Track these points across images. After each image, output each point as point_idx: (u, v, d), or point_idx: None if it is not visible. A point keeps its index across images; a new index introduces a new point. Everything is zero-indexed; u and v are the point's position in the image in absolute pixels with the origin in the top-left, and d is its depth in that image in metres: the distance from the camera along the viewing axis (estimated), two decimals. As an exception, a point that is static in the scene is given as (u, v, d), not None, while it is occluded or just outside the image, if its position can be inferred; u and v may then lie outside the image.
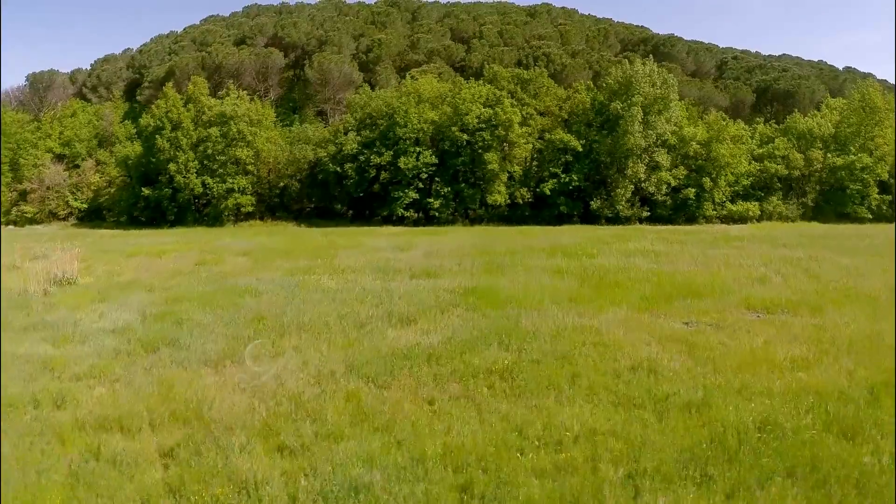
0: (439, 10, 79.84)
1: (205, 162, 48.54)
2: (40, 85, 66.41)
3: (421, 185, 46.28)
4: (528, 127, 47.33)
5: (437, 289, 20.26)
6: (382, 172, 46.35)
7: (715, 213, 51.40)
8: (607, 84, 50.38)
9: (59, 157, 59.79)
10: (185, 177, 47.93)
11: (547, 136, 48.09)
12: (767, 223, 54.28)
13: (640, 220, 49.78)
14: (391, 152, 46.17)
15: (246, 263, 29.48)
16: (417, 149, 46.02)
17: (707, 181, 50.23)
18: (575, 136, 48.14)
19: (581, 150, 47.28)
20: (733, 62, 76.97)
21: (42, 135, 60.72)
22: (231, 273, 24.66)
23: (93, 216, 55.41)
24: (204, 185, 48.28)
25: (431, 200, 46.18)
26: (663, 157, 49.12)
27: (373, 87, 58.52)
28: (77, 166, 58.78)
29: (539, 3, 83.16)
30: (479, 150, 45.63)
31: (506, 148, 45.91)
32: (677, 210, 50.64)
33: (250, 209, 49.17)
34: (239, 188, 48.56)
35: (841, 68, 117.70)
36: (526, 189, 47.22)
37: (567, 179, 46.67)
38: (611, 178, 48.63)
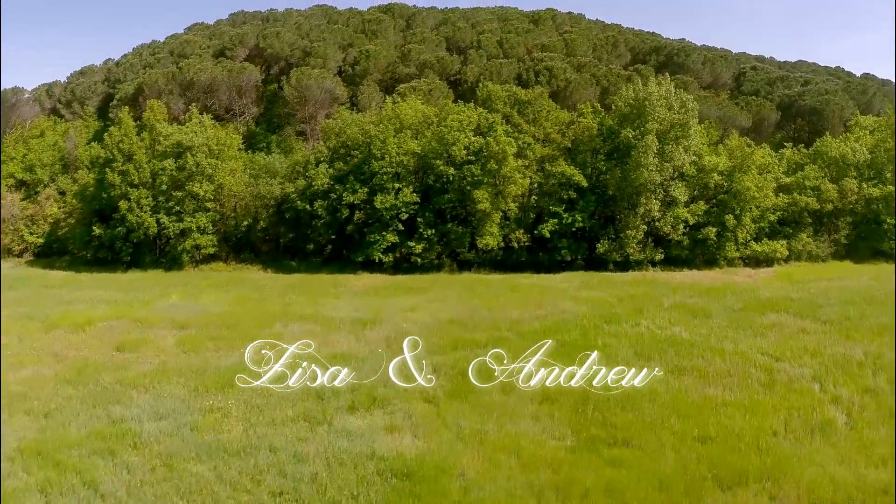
0: (435, 17, 71.48)
1: (160, 198, 41.11)
2: (6, 103, 59.19)
3: (401, 227, 38.52)
4: (525, 159, 39.25)
5: (372, 453, 14.49)
6: (356, 212, 38.64)
7: (738, 253, 43.16)
8: (617, 107, 42.10)
9: (20, 184, 52.72)
10: (137, 216, 40.58)
11: (547, 167, 40.03)
12: (796, 264, 45.92)
13: (653, 263, 41.76)
14: (366, 189, 38.39)
15: (172, 351, 23.50)
16: (397, 185, 38.21)
17: (730, 219, 41.95)
18: (579, 169, 40.06)
19: (586, 184, 39.14)
20: (752, 73, 68.09)
21: (5, 157, 53.59)
22: (134, 381, 19.54)
23: (51, 252, 48.25)
24: (159, 223, 40.91)
25: (413, 244, 38.43)
26: (680, 191, 40.90)
27: (356, 107, 50.68)
28: (38, 193, 51.64)
29: (543, 9, 74.50)
30: (468, 187, 37.70)
31: (499, 184, 37.89)
32: (695, 249, 42.49)
33: (212, 250, 41.68)
34: (198, 227, 41.09)
35: (859, 74, 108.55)
36: (522, 230, 39.29)
37: (570, 220, 38.66)
38: (620, 217, 40.55)
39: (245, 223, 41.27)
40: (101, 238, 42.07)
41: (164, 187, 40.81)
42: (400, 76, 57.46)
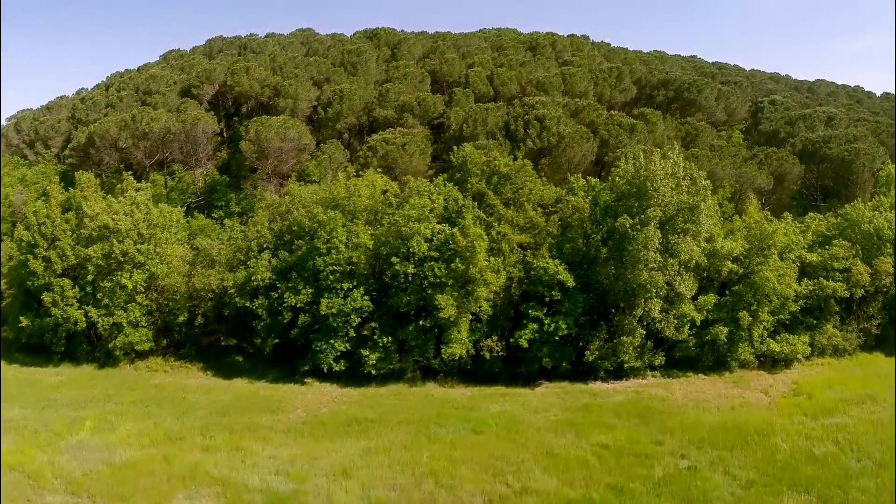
0: (424, 45, 62.92)
1: (87, 289, 34.35)
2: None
3: (352, 333, 31.24)
4: (500, 255, 31.46)
5: None
6: (301, 315, 31.43)
7: (752, 352, 35.16)
8: (614, 183, 33.96)
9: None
10: (62, 309, 33.93)
11: (528, 257, 32.25)
12: (819, 363, 37.79)
13: (653, 368, 34.03)
14: (311, 289, 31.09)
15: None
16: (346, 285, 30.82)
17: (744, 316, 33.96)
18: (567, 259, 32.21)
19: (573, 284, 31.33)
20: (770, 109, 58.71)
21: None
22: None
23: (-7, 325, 41.94)
24: (87, 317, 34.24)
25: (367, 353, 31.16)
26: (687, 285, 32.91)
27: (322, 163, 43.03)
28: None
29: (543, 33, 65.41)
30: (429, 290, 30.18)
31: (468, 287, 30.29)
32: (702, 348, 34.60)
33: (146, 346, 34.89)
34: (130, 322, 34.31)
35: (879, 94, 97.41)
36: (496, 337, 31.76)
37: (552, 327, 31.00)
38: (614, 319, 32.76)
39: (180, 318, 34.30)
40: (30, 329, 35.64)
41: (89, 277, 34.03)
42: (377, 119, 49.64)
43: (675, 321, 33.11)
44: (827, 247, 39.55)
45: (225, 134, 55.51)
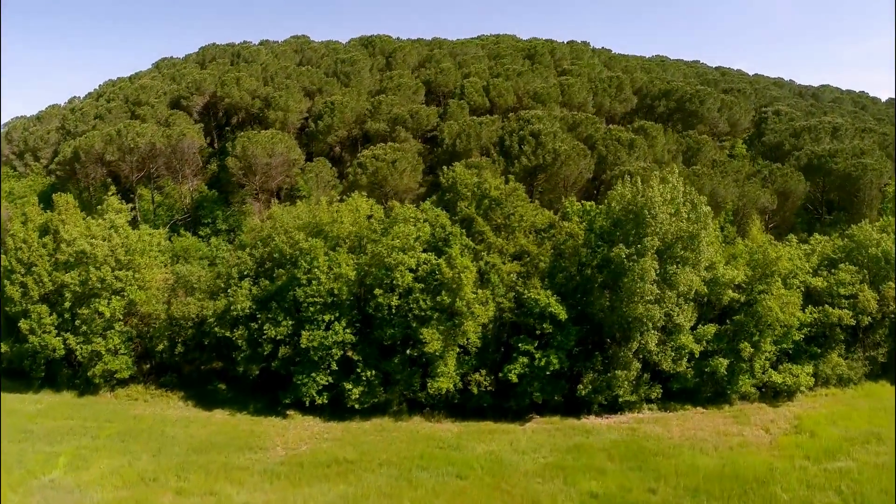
0: (420, 53, 61.03)
1: (65, 315, 33.02)
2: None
3: (334, 366, 29.75)
4: (489, 285, 29.83)
5: None
6: (282, 347, 29.95)
7: (753, 383, 33.42)
8: (610, 208, 32.21)
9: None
10: (40, 336, 32.62)
11: (519, 287, 30.59)
12: (824, 394, 35.97)
13: (649, 401, 32.37)
14: (291, 321, 29.60)
15: None
16: (328, 317, 29.29)
17: (745, 347, 32.24)
18: (559, 289, 30.56)
19: (565, 317, 29.67)
20: (774, 119, 56.59)
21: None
22: None
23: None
24: (66, 344, 32.93)
25: (350, 387, 29.67)
26: (685, 316, 31.19)
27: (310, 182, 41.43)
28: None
29: (543, 40, 63.38)
30: (414, 323, 28.64)
31: (455, 320, 28.71)
32: (701, 379, 32.86)
33: (126, 374, 33.56)
34: (110, 349, 32.97)
35: (884, 100, 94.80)
36: (485, 371, 30.17)
37: (543, 362, 29.38)
38: (609, 351, 31.10)
39: (160, 346, 32.90)
40: (9, 355, 34.39)
41: (67, 304, 32.69)
42: (369, 132, 48.01)
43: (673, 353, 31.41)
44: (833, 270, 37.78)
45: (216, 145, 54.07)
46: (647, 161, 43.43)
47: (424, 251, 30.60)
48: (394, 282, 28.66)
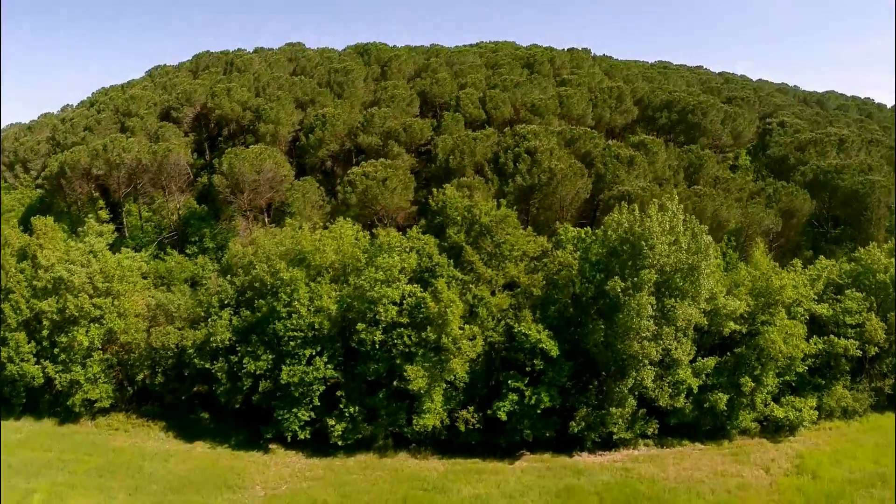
0: (416, 62, 59.32)
1: (44, 343, 31.81)
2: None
3: (316, 402, 28.41)
4: (477, 319, 28.35)
5: None
6: (262, 381, 28.63)
7: (754, 417, 31.85)
8: (605, 236, 30.59)
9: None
10: (18, 365, 31.44)
11: (509, 320, 29.09)
12: (827, 428, 34.33)
13: (645, 436, 30.88)
14: (272, 355, 28.26)
15: None
16: (309, 351, 27.94)
17: (746, 381, 30.68)
18: (552, 322, 29.05)
19: (557, 354, 28.18)
20: (779, 132, 54.66)
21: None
22: None
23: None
24: (45, 372, 31.74)
25: (333, 423, 28.33)
26: (684, 350, 29.62)
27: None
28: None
29: (543, 47, 61.47)
30: (398, 360, 27.24)
31: (441, 356, 27.28)
32: (700, 413, 31.30)
33: (106, 403, 32.37)
34: (89, 378, 31.75)
35: (889, 106, 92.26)
36: (473, 408, 28.77)
37: (533, 400, 27.92)
38: (604, 386, 29.60)
39: (141, 376, 31.66)
40: (-11, 382, 33.28)
41: (45, 332, 31.47)
42: (361, 146, 46.49)
43: (671, 389, 29.90)
44: (839, 297, 36.08)
45: (208, 156, 52.72)
46: (648, 179, 41.70)
47: (410, 280, 29.19)
48: (377, 316, 27.26)
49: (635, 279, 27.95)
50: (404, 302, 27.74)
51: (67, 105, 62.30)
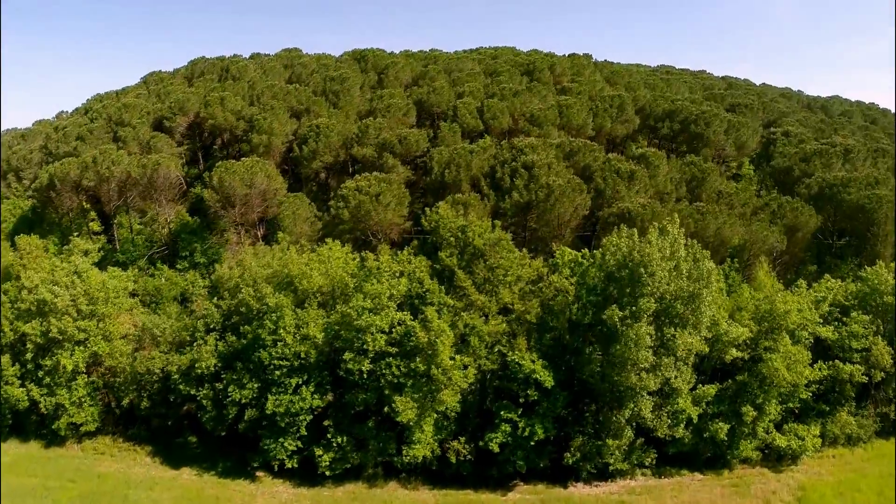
0: (413, 68, 58.07)
1: (28, 366, 30.90)
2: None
3: (303, 432, 27.44)
4: (469, 348, 27.26)
5: None
6: (248, 409, 27.66)
7: (756, 445, 30.70)
8: (604, 261, 29.42)
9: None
10: (2, 388, 30.56)
11: (502, 347, 28.00)
12: (832, 456, 33.11)
13: (642, 466, 29.80)
14: (257, 384, 27.27)
15: None
16: (295, 380, 26.94)
17: (748, 410, 29.53)
18: (547, 352, 27.94)
19: (552, 385, 27.08)
20: (783, 142, 53.23)
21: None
22: None
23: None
24: (29, 395, 30.85)
25: (321, 453, 27.36)
26: (684, 378, 28.47)
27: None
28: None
29: (543, 53, 60.11)
30: (387, 390, 26.22)
31: (431, 386, 26.24)
32: (700, 439, 30.17)
33: (92, 427, 31.49)
34: (74, 401, 30.85)
35: (894, 111, 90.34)
36: (464, 439, 27.73)
37: (527, 432, 26.87)
38: (600, 415, 28.48)
39: (126, 400, 30.75)
40: (-24, 403, 32.42)
41: (29, 355, 30.56)
42: (355, 158, 45.38)
43: (670, 420, 28.79)
44: (845, 319, 34.82)
45: (201, 166, 51.68)
46: (649, 194, 40.45)
47: (400, 306, 28.14)
48: (364, 345, 26.22)
49: (633, 308, 26.80)
50: (393, 330, 26.69)
51: (62, 112, 61.43)
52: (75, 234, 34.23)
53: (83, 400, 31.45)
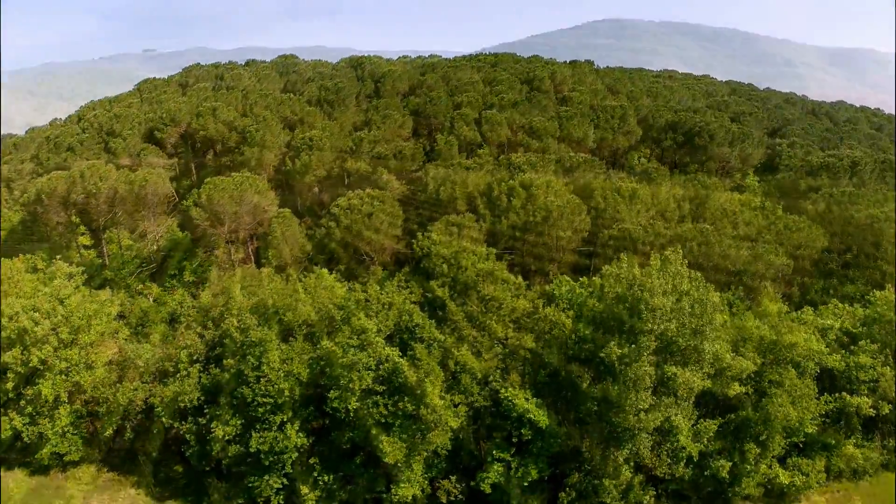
0: (411, 77, 56.54)
1: (10, 394, 29.85)
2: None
3: (288, 469, 26.35)
4: (460, 386, 26.06)
5: None
6: (231, 446, 26.57)
7: (758, 482, 29.47)
8: (603, 293, 28.10)
9: None
10: (-15, 418, 29.60)
11: (495, 384, 26.77)
12: (836, 491, 31.90)
13: (641, 504, 28.65)
14: (240, 420, 26.16)
15: None
16: (280, 417, 25.80)
17: (751, 448, 28.26)
18: (541, 389, 26.71)
19: (546, 424, 25.87)
20: (788, 153, 51.59)
21: None
22: None
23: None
24: (11, 424, 29.83)
25: (307, 491, 26.29)
26: (685, 414, 27.19)
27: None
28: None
29: (544, 60, 58.41)
30: (373, 430, 25.07)
31: (420, 425, 25.07)
32: (701, 475, 28.97)
33: (76, 457, 30.48)
34: (57, 430, 29.81)
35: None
36: (455, 478, 26.60)
37: (520, 472, 25.72)
38: (597, 457, 27.27)
39: (109, 430, 29.72)
40: (-43, 430, 31.41)
41: (10, 384, 29.51)
42: (350, 173, 43.99)
43: (670, 459, 27.60)
44: (853, 347, 33.48)
45: (194, 177, 50.41)
46: (651, 213, 39.05)
47: (389, 337, 26.94)
48: (350, 383, 25.03)
49: (633, 346, 25.49)
50: (381, 367, 25.49)
51: (56, 119, 60.12)
52: (58, 256, 33.06)
53: (66, 429, 30.45)
